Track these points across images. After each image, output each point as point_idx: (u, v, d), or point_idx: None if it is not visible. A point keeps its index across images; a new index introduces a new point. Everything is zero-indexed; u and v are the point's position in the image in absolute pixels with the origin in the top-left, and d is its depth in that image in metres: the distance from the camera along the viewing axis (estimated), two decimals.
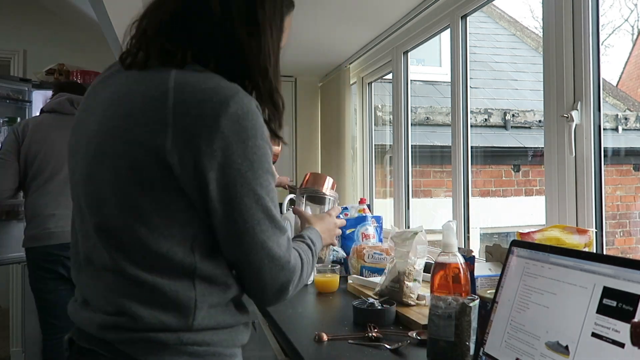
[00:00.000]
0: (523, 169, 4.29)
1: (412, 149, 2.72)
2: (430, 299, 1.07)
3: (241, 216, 0.79)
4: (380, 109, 3.79)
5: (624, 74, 5.63)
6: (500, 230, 4.16)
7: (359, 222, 2.19)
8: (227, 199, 0.78)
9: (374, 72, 3.17)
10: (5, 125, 3.20)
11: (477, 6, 2.05)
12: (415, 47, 2.62)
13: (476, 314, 1.03)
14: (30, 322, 3.34)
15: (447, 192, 3.89)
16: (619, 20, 5.71)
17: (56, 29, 3.84)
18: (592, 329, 0.77)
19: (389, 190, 3.38)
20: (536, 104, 4.51)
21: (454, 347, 1.01)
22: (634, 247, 3.95)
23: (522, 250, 0.98)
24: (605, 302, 0.77)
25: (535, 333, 0.86)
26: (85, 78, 3.61)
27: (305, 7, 2.42)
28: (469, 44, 2.15)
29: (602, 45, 1.47)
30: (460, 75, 2.12)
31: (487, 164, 4.23)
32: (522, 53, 5.37)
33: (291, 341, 1.24)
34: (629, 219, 4.05)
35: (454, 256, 1.09)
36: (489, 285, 1.24)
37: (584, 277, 0.82)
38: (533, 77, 4.91)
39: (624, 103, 4.65)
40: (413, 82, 3.36)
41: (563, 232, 1.21)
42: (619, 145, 4.20)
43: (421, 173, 4.09)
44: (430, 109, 4.24)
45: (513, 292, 0.95)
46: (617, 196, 4.06)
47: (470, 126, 2.13)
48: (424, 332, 1.20)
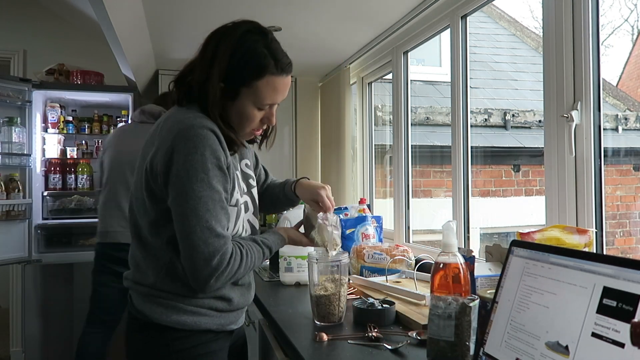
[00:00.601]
0: (523, 169, 4.28)
1: (412, 149, 2.72)
2: (430, 299, 1.07)
3: (175, 208, 1.11)
4: (380, 109, 3.79)
5: (624, 74, 5.62)
6: (500, 230, 4.15)
7: (359, 222, 2.19)
8: (171, 192, 1.11)
9: (374, 72, 3.17)
10: (5, 125, 3.19)
11: (477, 6, 2.05)
12: (415, 47, 2.62)
13: (476, 314, 1.03)
14: (31, 322, 3.35)
15: (447, 192, 3.89)
16: (619, 20, 5.71)
17: (56, 29, 3.84)
18: (592, 329, 0.77)
19: (389, 190, 3.38)
20: (536, 104, 4.51)
21: (454, 347, 1.01)
22: (634, 247, 3.94)
23: (522, 250, 0.98)
24: (605, 302, 0.77)
25: (535, 333, 0.86)
26: (85, 78, 3.61)
27: (305, 7, 2.42)
28: (469, 44, 2.15)
29: (602, 45, 1.47)
30: (460, 75, 2.13)
31: (487, 164, 4.23)
32: (522, 53, 5.37)
33: (291, 341, 1.24)
34: (629, 219, 4.05)
35: (454, 256, 1.09)
36: (489, 285, 1.24)
37: (584, 277, 0.82)
38: (533, 77, 4.90)
39: (624, 103, 4.64)
40: (413, 82, 3.36)
41: (563, 232, 1.21)
42: (619, 145, 4.19)
43: (421, 173, 4.09)
44: (430, 109, 4.24)
45: (513, 292, 0.95)
46: (617, 196, 4.06)
47: (470, 126, 2.13)
48: (424, 332, 1.20)
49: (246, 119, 1.20)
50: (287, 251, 1.91)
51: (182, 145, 1.09)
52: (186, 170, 1.08)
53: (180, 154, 1.09)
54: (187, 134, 1.09)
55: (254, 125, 1.23)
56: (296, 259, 1.90)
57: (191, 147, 1.08)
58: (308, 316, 1.43)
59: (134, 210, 1.22)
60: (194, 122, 1.11)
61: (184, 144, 1.09)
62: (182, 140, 1.09)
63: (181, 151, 1.09)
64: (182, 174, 1.08)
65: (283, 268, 1.92)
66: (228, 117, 1.19)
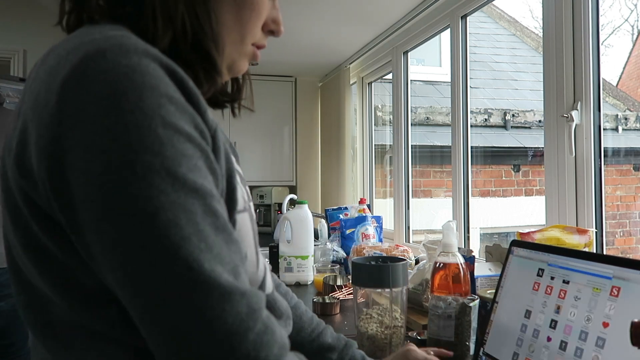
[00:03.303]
0: (523, 169, 4.29)
1: (412, 149, 2.73)
2: (430, 299, 1.07)
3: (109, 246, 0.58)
4: (380, 109, 3.79)
5: (624, 74, 5.63)
6: (500, 230, 4.15)
7: (359, 222, 2.19)
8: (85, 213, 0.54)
9: (374, 72, 3.17)
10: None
11: (477, 6, 2.05)
12: (415, 47, 2.62)
13: (476, 314, 1.03)
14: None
15: (447, 192, 3.89)
16: (619, 20, 5.71)
17: (56, 29, 3.84)
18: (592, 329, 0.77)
19: (389, 190, 3.38)
20: (536, 104, 4.51)
21: (454, 347, 1.01)
22: (634, 247, 3.95)
23: (522, 250, 0.98)
24: None
25: (535, 333, 0.86)
26: None
27: (305, 7, 2.42)
28: (469, 44, 2.15)
29: (602, 45, 1.47)
30: (460, 75, 2.13)
31: (487, 164, 4.23)
32: (522, 53, 5.37)
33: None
34: (629, 219, 4.05)
35: (454, 256, 1.09)
36: (489, 285, 1.24)
37: (584, 277, 0.82)
38: (533, 77, 4.91)
39: (624, 103, 4.64)
40: (413, 82, 3.36)
41: (563, 232, 1.21)
42: (619, 145, 4.19)
43: (421, 173, 4.09)
44: (430, 109, 4.24)
45: (513, 292, 0.95)
46: (617, 196, 4.06)
47: (470, 126, 2.13)
48: (424, 332, 1.20)
49: (254, 5, 0.63)
50: (287, 251, 1.91)
51: (91, 97, 0.46)
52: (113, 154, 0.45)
53: (86, 120, 0.46)
54: (103, 68, 0.47)
55: (258, 27, 0.66)
56: (296, 259, 1.90)
57: (116, 101, 0.46)
58: None
59: (20, 268, 0.55)
60: (119, 43, 0.48)
61: (94, 96, 0.46)
62: (91, 84, 0.46)
63: (90, 111, 0.46)
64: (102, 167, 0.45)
65: (283, 268, 1.92)
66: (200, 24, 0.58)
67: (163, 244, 0.45)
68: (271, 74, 3.78)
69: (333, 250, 2.12)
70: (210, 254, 0.47)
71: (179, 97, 0.49)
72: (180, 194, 0.46)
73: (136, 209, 0.45)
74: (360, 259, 1.10)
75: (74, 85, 0.47)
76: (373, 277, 1.03)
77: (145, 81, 0.47)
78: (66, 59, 0.49)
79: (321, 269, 1.90)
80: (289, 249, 1.90)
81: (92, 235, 0.47)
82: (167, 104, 0.47)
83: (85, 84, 0.46)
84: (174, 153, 0.47)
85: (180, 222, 0.46)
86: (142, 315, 0.46)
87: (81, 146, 0.46)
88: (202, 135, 0.51)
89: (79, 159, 0.46)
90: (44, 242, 0.51)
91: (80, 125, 0.46)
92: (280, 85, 3.86)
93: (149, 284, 0.45)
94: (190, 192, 0.47)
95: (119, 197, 0.45)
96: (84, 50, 0.48)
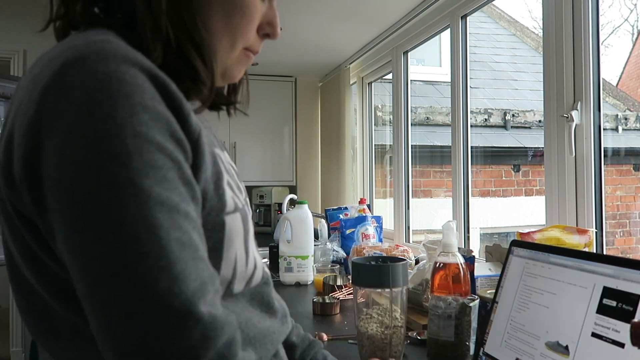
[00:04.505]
0: (523, 169, 4.29)
1: (412, 149, 2.73)
2: (430, 299, 1.07)
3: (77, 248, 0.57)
4: (380, 109, 3.79)
5: (624, 74, 5.63)
6: (500, 230, 4.16)
7: (359, 222, 2.19)
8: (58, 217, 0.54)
9: (374, 72, 3.17)
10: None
11: (477, 6, 2.05)
12: (415, 47, 2.62)
13: (476, 314, 1.03)
14: None
15: (447, 192, 3.89)
16: (618, 20, 5.71)
17: None
18: (592, 329, 0.77)
19: (389, 190, 3.38)
20: (536, 104, 4.51)
21: (454, 347, 1.01)
22: (634, 247, 3.95)
23: (522, 250, 0.98)
24: (605, 302, 0.77)
25: (535, 333, 0.86)
26: None
27: (305, 7, 2.42)
28: (469, 44, 2.15)
29: (602, 45, 1.47)
30: (460, 75, 2.13)
31: (487, 164, 4.23)
32: (522, 53, 5.37)
33: None
34: (629, 219, 4.05)
35: (454, 256, 1.09)
36: (489, 285, 1.24)
37: (584, 277, 0.82)
38: (533, 77, 4.91)
39: (624, 103, 4.64)
40: (413, 82, 3.36)
41: (563, 232, 1.21)
42: (619, 145, 4.19)
43: (421, 173, 4.09)
44: (430, 109, 4.24)
45: (513, 292, 0.95)
46: (617, 196, 4.06)
47: (470, 126, 2.13)
48: (424, 332, 1.20)
49: (244, 10, 0.61)
50: (287, 251, 1.91)
51: (68, 105, 0.46)
52: (82, 164, 0.45)
53: (62, 128, 0.46)
54: (81, 76, 0.47)
55: (251, 31, 0.64)
56: (296, 258, 1.90)
57: (90, 109, 0.46)
58: (308, 316, 1.43)
59: (20, 275, 0.56)
60: (98, 49, 0.48)
61: (70, 104, 0.46)
62: (69, 92, 0.46)
63: (66, 120, 0.46)
64: (71, 177, 0.46)
65: (283, 268, 1.92)
66: (187, 32, 0.57)
67: (120, 258, 0.44)
68: (271, 74, 3.78)
69: (333, 250, 2.12)
70: (168, 272, 0.44)
71: (155, 105, 0.48)
72: (144, 207, 0.45)
73: (98, 222, 0.44)
74: (360, 259, 1.10)
75: (52, 94, 0.47)
76: (373, 277, 1.02)
77: (120, 89, 0.46)
78: (48, 66, 0.49)
79: (321, 269, 1.90)
80: (289, 249, 1.90)
81: (61, 244, 0.47)
82: (140, 112, 0.47)
83: (63, 93, 0.47)
84: (141, 164, 0.46)
85: (141, 237, 0.44)
86: (97, 331, 0.46)
87: (56, 155, 0.46)
88: (178, 143, 0.49)
89: (53, 168, 0.46)
90: (35, 250, 0.52)
91: (55, 134, 0.46)
92: (280, 85, 3.86)
93: (103, 299, 0.44)
94: (155, 206, 0.45)
95: (84, 208, 0.45)
96: (64, 58, 0.48)
